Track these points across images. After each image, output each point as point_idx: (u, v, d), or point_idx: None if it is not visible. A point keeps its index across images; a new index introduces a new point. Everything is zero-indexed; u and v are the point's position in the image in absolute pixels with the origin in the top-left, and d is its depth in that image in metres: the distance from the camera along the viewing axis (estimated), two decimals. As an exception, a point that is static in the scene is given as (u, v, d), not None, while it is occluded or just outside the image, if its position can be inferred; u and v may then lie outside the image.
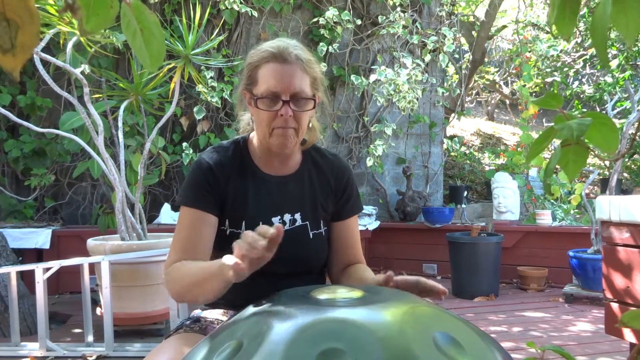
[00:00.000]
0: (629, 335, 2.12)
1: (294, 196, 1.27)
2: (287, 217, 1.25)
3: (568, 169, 0.54)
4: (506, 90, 9.88)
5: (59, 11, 2.52)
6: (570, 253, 3.72)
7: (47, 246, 3.94)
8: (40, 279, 2.57)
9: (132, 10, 0.48)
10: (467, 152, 7.66)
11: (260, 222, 1.21)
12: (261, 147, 1.26)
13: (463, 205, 4.91)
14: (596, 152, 0.58)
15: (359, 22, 4.85)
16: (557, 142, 0.57)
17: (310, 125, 1.28)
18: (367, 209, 4.67)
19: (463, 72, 6.43)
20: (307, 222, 1.27)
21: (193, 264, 1.12)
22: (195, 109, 4.48)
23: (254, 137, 1.29)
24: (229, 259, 0.91)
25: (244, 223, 1.23)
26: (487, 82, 10.10)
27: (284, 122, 1.17)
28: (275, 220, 1.24)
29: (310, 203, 1.28)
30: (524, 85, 5.67)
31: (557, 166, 0.56)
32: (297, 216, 1.26)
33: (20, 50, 0.42)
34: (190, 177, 1.24)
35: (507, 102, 10.34)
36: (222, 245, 1.22)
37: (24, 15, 0.41)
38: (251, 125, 1.32)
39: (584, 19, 7.55)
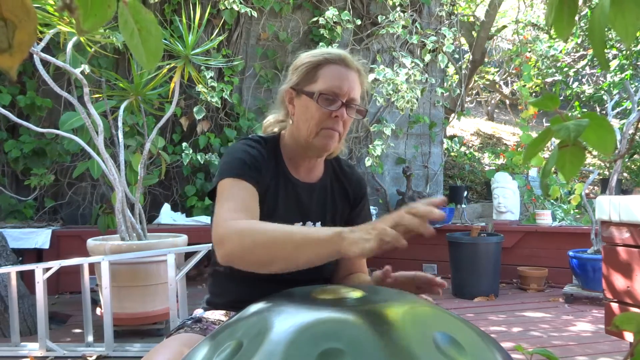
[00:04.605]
0: (628, 336, 2.12)
1: (319, 204, 1.28)
2: (309, 224, 1.26)
3: (565, 170, 0.54)
4: (506, 90, 9.88)
5: (57, 10, 2.52)
6: (570, 253, 3.72)
7: (47, 246, 3.94)
8: (40, 279, 2.57)
9: (129, 9, 0.49)
10: (467, 152, 7.66)
11: None
12: (294, 149, 1.25)
13: (463, 205, 4.91)
14: (594, 153, 0.58)
15: (358, 22, 4.85)
16: (556, 141, 0.57)
17: None
18: (367, 209, 4.66)
19: (463, 72, 6.43)
20: None
21: (280, 225, 0.98)
22: (195, 109, 4.48)
23: (285, 138, 1.27)
24: (379, 227, 0.82)
25: None
26: (487, 82, 10.10)
27: (335, 124, 1.18)
28: (298, 226, 1.23)
29: (330, 212, 1.29)
30: (524, 85, 5.67)
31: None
32: (318, 225, 1.27)
33: (17, 49, 0.42)
34: (241, 154, 1.17)
35: (507, 102, 10.35)
36: None
37: (21, 14, 0.41)
38: (273, 126, 1.31)
39: (586, 18, 7.55)
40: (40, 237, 3.94)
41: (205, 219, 4.35)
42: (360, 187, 1.36)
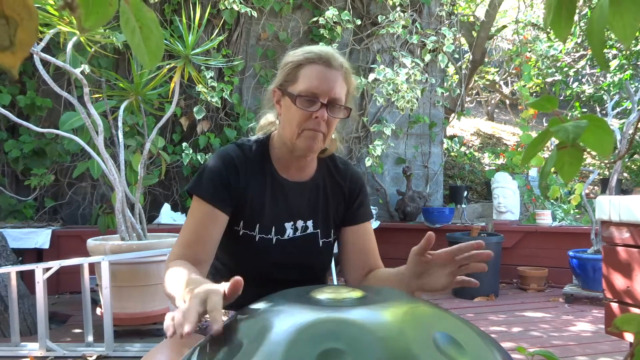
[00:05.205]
0: (628, 336, 2.12)
1: (309, 203, 1.27)
2: (299, 223, 1.25)
3: (564, 172, 0.54)
4: (506, 90, 9.88)
5: (58, 9, 2.52)
6: (570, 253, 3.72)
7: (47, 246, 3.94)
8: (40, 279, 2.57)
9: (130, 7, 0.49)
10: (467, 152, 7.66)
11: (274, 227, 1.22)
12: (283, 150, 1.24)
13: (463, 205, 4.91)
14: (594, 154, 0.58)
15: (358, 22, 4.85)
16: (556, 141, 0.57)
17: (334, 135, 1.27)
18: (367, 209, 4.67)
19: (463, 72, 6.43)
20: (319, 230, 1.27)
21: (180, 272, 1.04)
22: (195, 109, 4.48)
23: (274, 138, 1.27)
24: (178, 312, 0.80)
25: (258, 226, 1.22)
26: (487, 82, 10.10)
27: (316, 125, 1.16)
28: (288, 225, 1.24)
29: (323, 211, 1.28)
30: (524, 85, 5.67)
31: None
32: (309, 223, 1.26)
33: (19, 47, 0.42)
34: (211, 168, 1.19)
35: (507, 102, 10.35)
36: (233, 246, 1.22)
37: (23, 13, 0.41)
38: (268, 127, 1.31)
39: (586, 18, 7.54)
40: (40, 237, 3.94)
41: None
42: (356, 184, 1.33)
